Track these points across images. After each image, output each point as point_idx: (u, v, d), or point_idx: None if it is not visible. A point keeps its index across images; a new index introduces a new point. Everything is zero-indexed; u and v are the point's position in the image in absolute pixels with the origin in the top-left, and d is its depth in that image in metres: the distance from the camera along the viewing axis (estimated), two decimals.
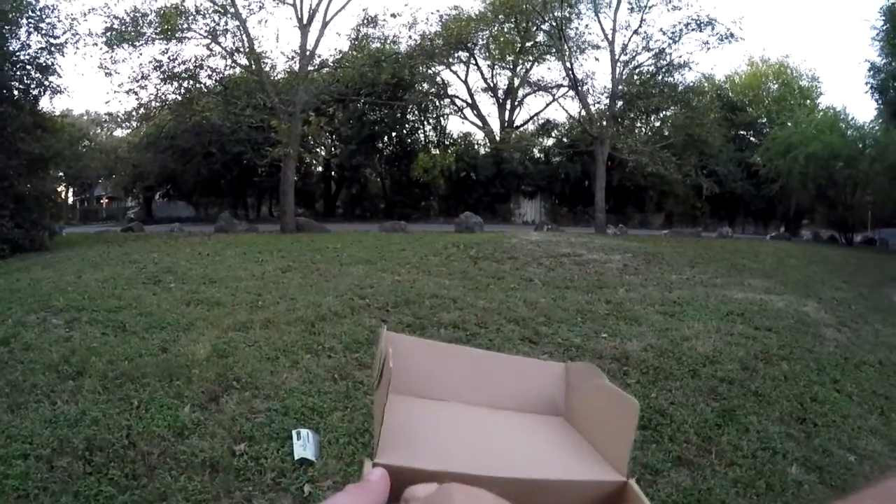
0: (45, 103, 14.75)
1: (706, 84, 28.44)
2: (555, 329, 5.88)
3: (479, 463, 0.57)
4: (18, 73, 13.69)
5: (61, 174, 19.42)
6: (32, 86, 13.90)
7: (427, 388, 0.73)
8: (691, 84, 25.44)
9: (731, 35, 22.92)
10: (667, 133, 28.10)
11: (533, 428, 0.71)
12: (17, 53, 13.58)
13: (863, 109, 70.05)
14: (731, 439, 3.95)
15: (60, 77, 14.35)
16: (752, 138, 36.12)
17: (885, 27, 19.82)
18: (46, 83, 13.97)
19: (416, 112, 33.23)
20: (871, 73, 20.93)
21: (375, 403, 0.60)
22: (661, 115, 29.60)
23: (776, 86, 38.51)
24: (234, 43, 19.64)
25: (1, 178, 11.89)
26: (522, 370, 0.79)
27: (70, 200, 37.52)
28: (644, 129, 30.42)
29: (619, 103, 24.50)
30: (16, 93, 13.61)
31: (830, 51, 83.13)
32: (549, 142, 35.00)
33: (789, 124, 27.83)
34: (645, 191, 32.76)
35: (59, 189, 20.91)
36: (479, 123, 33.87)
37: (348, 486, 0.47)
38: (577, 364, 0.79)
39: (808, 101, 36.32)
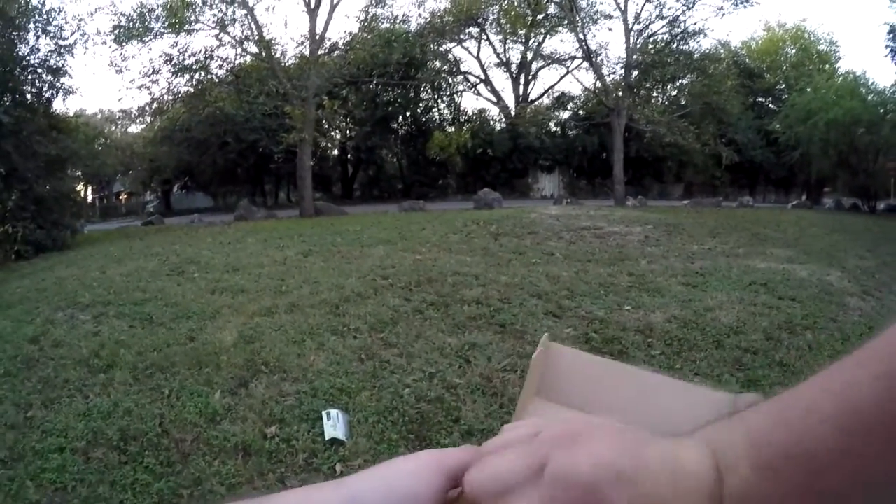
0: (58, 105, 14.85)
1: (722, 51, 27.95)
2: (578, 302, 5.84)
3: None
4: (30, 76, 13.80)
5: (79, 173, 19.62)
6: (45, 88, 14.00)
7: (582, 401, 0.70)
8: (707, 51, 25.08)
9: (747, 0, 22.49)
10: (684, 102, 27.73)
11: None
12: (28, 58, 13.68)
13: (883, 73, 68.34)
14: None
15: (72, 78, 14.46)
16: (770, 105, 35.44)
17: None
18: (58, 85, 14.08)
19: (430, 90, 33.04)
20: (891, 35, 20.35)
21: (519, 403, 0.63)
22: (678, 84, 29.20)
23: (794, 51, 37.65)
24: (242, 31, 19.70)
25: (20, 180, 12.03)
26: (689, 398, 0.74)
27: (89, 198, 37.84)
28: (661, 99, 29.97)
29: (635, 73, 24.13)
30: (29, 96, 13.73)
31: (848, 14, 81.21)
32: (565, 115, 34.69)
33: (808, 90, 27.18)
34: (663, 161, 32.37)
35: (77, 188, 21.11)
36: (494, 99, 33.65)
37: (464, 445, 0.48)
38: (747, 396, 0.71)
39: (827, 66, 35.45)
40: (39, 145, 12.51)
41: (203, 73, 21.13)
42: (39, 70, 13.90)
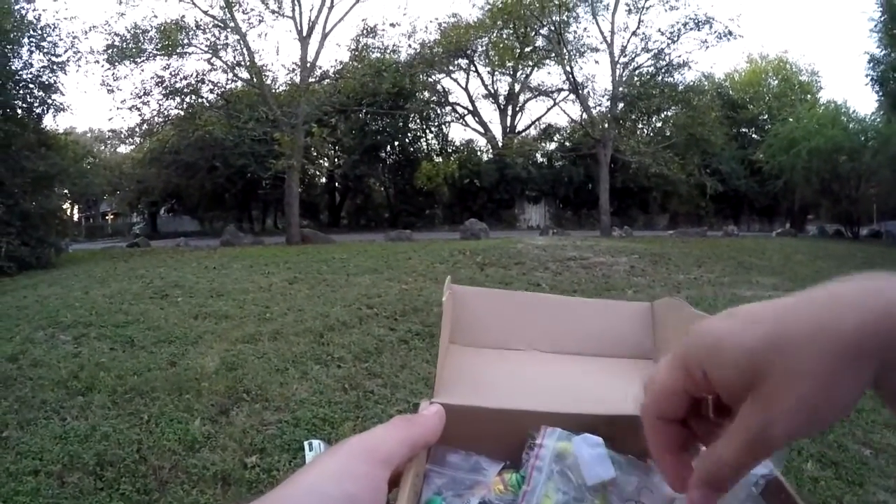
0: (48, 121, 14.90)
1: (706, 83, 28.47)
2: None
3: (547, 401, 0.54)
4: (21, 91, 13.80)
5: (66, 191, 19.46)
6: (35, 104, 14.02)
7: (501, 339, 0.70)
8: (691, 83, 25.56)
9: (730, 33, 23.03)
10: (669, 133, 28.14)
11: (616, 371, 0.68)
12: (20, 72, 13.70)
13: (864, 102, 69.88)
14: None
15: (63, 95, 14.48)
16: (754, 135, 36.09)
17: (883, 18, 19.81)
18: (49, 101, 14.11)
19: (418, 120, 33.31)
20: (871, 64, 20.90)
21: (440, 351, 0.60)
22: (663, 116, 29.62)
23: (776, 82, 38.49)
24: (234, 57, 19.80)
25: (6, 196, 11.94)
26: (603, 313, 0.76)
27: (75, 217, 37.61)
28: (646, 130, 30.43)
29: (621, 105, 24.54)
30: (19, 111, 13.73)
31: (829, 45, 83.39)
32: (552, 146, 35.06)
33: (791, 120, 27.77)
34: (649, 192, 32.72)
35: (64, 206, 20.98)
36: (482, 130, 33.99)
37: (394, 418, 0.43)
38: (663, 300, 0.75)
39: (809, 96, 36.24)
40: (28, 161, 12.45)
41: (194, 97, 21.17)
42: (31, 85, 13.93)
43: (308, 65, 19.84)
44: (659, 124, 31.04)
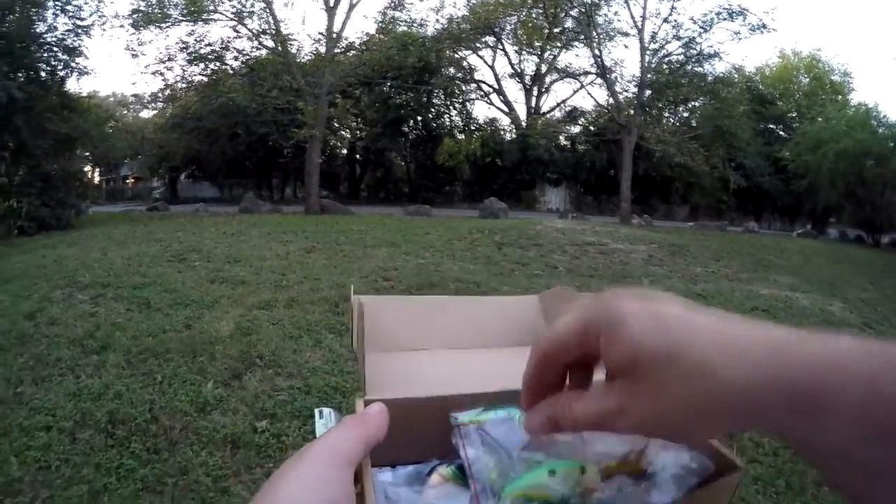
0: (71, 84, 14.96)
1: (736, 75, 27.90)
2: None
3: (462, 387, 0.61)
4: (45, 54, 13.80)
5: (88, 154, 19.63)
6: (59, 67, 14.01)
7: (406, 341, 0.76)
8: (721, 75, 25.07)
9: (763, 26, 22.53)
10: (695, 124, 27.73)
11: (515, 357, 0.71)
12: (44, 35, 13.70)
13: (895, 107, 68.43)
14: (752, 436, 3.87)
15: (87, 58, 14.59)
16: (781, 132, 35.39)
17: None
18: (73, 65, 14.10)
19: (442, 96, 33.02)
20: None
21: (358, 355, 0.67)
22: (690, 106, 29.18)
23: (807, 80, 37.58)
24: (260, 25, 19.74)
25: (28, 157, 12.04)
26: (497, 309, 0.83)
27: (96, 180, 37.83)
28: (672, 119, 29.95)
29: (648, 92, 24.16)
30: (43, 74, 13.73)
31: (863, 46, 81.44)
32: (576, 129, 34.62)
33: (819, 120, 27.22)
34: (671, 182, 32.31)
35: (85, 169, 21.16)
36: (506, 109, 33.63)
37: (345, 418, 0.46)
38: (551, 291, 0.81)
39: (840, 97, 35.43)
40: (50, 123, 12.52)
41: (218, 64, 21.19)
42: (55, 49, 13.92)
43: (334, 35, 19.74)
44: (685, 114, 30.57)
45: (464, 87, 33.26)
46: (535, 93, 33.37)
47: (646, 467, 0.48)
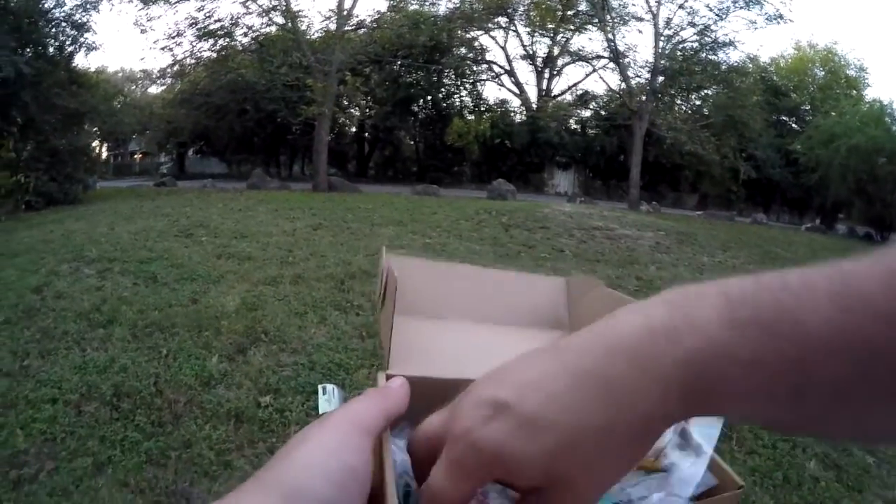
0: (80, 60, 14.89)
1: (750, 65, 27.53)
2: None
3: (489, 366, 0.58)
4: (53, 30, 13.78)
5: (96, 129, 19.62)
6: (67, 43, 14.01)
7: (431, 307, 0.74)
8: (735, 64, 24.78)
9: (780, 16, 22.26)
10: (707, 112, 27.46)
11: (537, 340, 0.68)
12: (52, 11, 13.67)
13: None
14: (752, 428, 3.87)
15: (95, 34, 14.53)
16: (793, 125, 34.97)
17: None
18: (81, 40, 14.12)
19: (453, 76, 32.79)
20: None
21: (382, 322, 0.62)
22: (702, 94, 28.86)
23: (822, 73, 37.00)
24: (270, 1, 19.54)
25: (36, 132, 12.05)
26: (525, 286, 0.81)
27: (104, 155, 37.79)
28: (684, 107, 29.66)
29: (661, 78, 23.92)
30: (51, 50, 13.71)
31: (880, 42, 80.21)
32: (587, 113, 34.34)
33: (833, 114, 26.92)
34: (680, 170, 32.08)
35: (93, 144, 21.13)
36: (516, 91, 33.34)
37: (368, 390, 0.45)
38: (579, 276, 0.79)
39: (855, 92, 34.89)
40: (58, 98, 12.51)
41: (227, 39, 21.05)
42: (63, 24, 13.90)
43: (344, 13, 19.59)
44: (698, 102, 30.21)
45: (475, 68, 33.00)
46: (546, 75, 33.07)
47: (662, 466, 0.48)
